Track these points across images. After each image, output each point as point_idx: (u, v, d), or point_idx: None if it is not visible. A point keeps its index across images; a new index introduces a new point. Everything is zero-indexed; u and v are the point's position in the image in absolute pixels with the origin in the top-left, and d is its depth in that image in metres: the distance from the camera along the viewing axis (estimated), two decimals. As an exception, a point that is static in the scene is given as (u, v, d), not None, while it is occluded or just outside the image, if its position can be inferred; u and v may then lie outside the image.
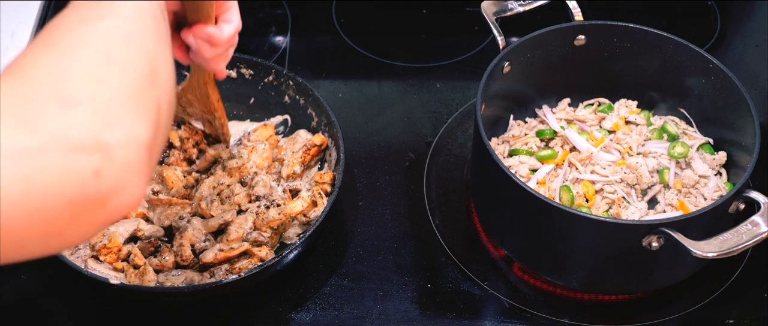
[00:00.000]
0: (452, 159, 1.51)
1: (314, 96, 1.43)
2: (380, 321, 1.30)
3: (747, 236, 1.13)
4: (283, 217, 1.31)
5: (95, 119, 0.72)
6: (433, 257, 1.38)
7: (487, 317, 1.31)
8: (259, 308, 1.31)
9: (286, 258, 1.26)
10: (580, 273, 1.29)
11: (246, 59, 1.49)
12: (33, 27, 1.67)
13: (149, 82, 0.79)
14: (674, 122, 1.45)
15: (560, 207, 1.20)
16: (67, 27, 0.79)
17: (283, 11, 1.76)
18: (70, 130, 0.70)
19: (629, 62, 1.42)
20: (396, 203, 1.44)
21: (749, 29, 1.72)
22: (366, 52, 1.69)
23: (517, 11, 1.42)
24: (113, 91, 0.75)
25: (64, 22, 0.79)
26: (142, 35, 0.82)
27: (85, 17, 0.79)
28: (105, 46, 0.78)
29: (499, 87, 1.38)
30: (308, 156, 1.39)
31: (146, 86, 0.78)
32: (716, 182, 1.35)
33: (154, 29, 0.84)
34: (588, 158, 1.38)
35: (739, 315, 1.31)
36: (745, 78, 1.37)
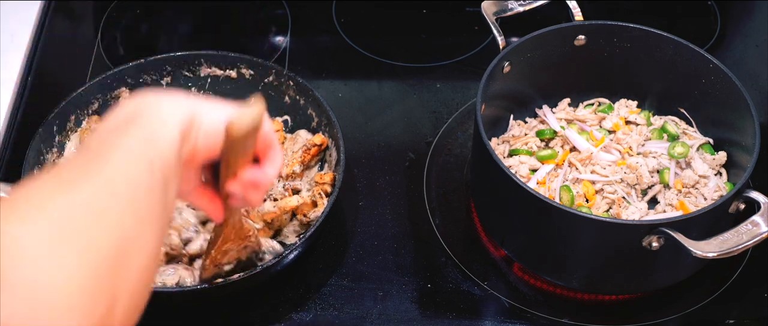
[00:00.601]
0: (452, 159, 1.51)
1: (314, 96, 1.43)
2: (380, 321, 1.30)
3: (747, 236, 1.13)
4: (278, 211, 1.32)
5: (23, 307, 0.63)
6: (433, 257, 1.38)
7: (487, 317, 1.31)
8: (259, 308, 1.31)
9: (286, 258, 1.26)
10: (580, 273, 1.29)
11: (246, 59, 1.49)
12: (33, 27, 1.67)
13: (108, 271, 0.69)
14: (674, 122, 1.45)
15: (560, 207, 1.20)
16: (41, 191, 0.72)
17: (283, 11, 1.76)
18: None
19: (629, 62, 1.42)
20: (396, 203, 1.44)
21: (749, 29, 1.72)
22: (366, 52, 1.69)
23: (517, 11, 1.42)
24: (53, 278, 0.65)
25: (45, 185, 0.73)
26: (119, 213, 0.73)
27: (65, 181, 0.73)
28: (66, 222, 0.69)
29: (499, 87, 1.38)
30: (308, 155, 1.39)
31: (102, 277, 0.68)
32: (716, 182, 1.35)
33: (143, 204, 0.76)
34: (588, 158, 1.38)
35: (739, 315, 1.31)
36: (745, 78, 1.36)
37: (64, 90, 1.46)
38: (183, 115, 0.86)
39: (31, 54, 1.64)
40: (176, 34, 1.75)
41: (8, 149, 1.49)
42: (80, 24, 1.76)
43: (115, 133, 0.81)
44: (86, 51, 1.69)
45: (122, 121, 0.83)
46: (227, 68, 1.51)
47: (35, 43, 1.66)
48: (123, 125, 0.82)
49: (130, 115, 0.84)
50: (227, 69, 1.51)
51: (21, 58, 1.61)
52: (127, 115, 0.84)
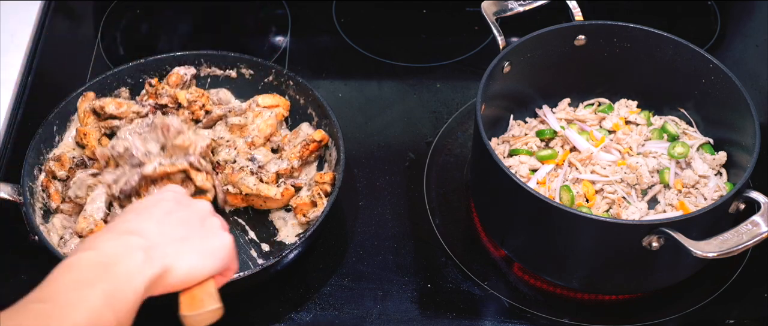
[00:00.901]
0: (452, 159, 1.51)
1: (314, 96, 1.43)
2: (380, 321, 1.30)
3: (747, 236, 1.13)
4: (256, 191, 1.32)
5: None
6: (433, 257, 1.37)
7: (487, 317, 1.31)
8: (259, 308, 1.31)
9: (286, 258, 1.26)
10: (580, 273, 1.29)
11: (246, 59, 1.49)
12: (33, 27, 1.67)
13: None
14: (674, 122, 1.45)
15: (560, 207, 1.20)
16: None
17: (283, 11, 1.76)
18: None
19: (629, 62, 1.42)
20: (396, 203, 1.44)
21: (749, 29, 1.72)
22: (366, 52, 1.69)
23: (517, 11, 1.42)
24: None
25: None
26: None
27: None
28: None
29: (499, 87, 1.38)
30: (307, 151, 1.39)
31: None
32: (716, 182, 1.35)
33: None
34: (588, 158, 1.38)
35: (739, 315, 1.31)
36: (745, 78, 1.36)
37: (64, 90, 1.46)
38: (153, 272, 0.96)
39: (31, 54, 1.64)
40: (176, 34, 1.75)
41: (8, 149, 1.49)
42: (80, 24, 1.76)
43: (81, 285, 0.90)
44: (86, 51, 1.69)
45: (93, 266, 0.92)
46: (227, 68, 1.51)
47: (35, 43, 1.66)
48: (92, 273, 0.92)
49: (103, 260, 0.93)
50: (227, 69, 1.51)
51: (21, 58, 1.61)
52: (101, 257, 0.94)
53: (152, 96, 1.43)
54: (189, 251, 1.01)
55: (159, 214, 1.04)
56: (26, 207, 1.30)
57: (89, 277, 0.91)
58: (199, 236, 1.04)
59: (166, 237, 1.01)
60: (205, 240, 1.04)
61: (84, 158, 1.38)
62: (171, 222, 1.04)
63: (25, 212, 1.30)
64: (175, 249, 1.00)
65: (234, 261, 1.09)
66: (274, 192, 1.34)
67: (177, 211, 1.05)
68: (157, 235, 1.00)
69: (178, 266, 0.99)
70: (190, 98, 1.43)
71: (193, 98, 1.43)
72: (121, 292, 0.92)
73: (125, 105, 1.42)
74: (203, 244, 1.03)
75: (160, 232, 1.01)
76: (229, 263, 1.07)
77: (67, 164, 1.36)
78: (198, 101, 1.43)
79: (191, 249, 1.02)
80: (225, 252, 1.05)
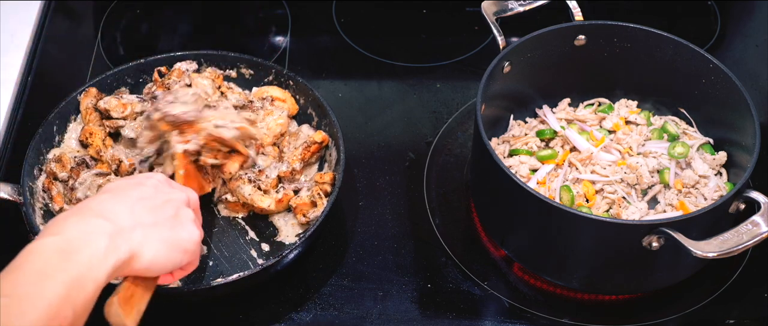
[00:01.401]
0: (452, 159, 1.51)
1: (314, 96, 1.43)
2: (380, 321, 1.30)
3: (747, 236, 1.13)
4: (250, 201, 1.33)
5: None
6: (433, 257, 1.37)
7: (487, 317, 1.31)
8: (259, 308, 1.31)
9: (286, 258, 1.26)
10: (580, 273, 1.29)
11: (246, 59, 1.49)
12: (33, 27, 1.67)
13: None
14: (674, 122, 1.45)
15: (560, 207, 1.20)
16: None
17: (283, 11, 1.76)
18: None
19: (629, 62, 1.42)
20: (396, 203, 1.44)
21: (749, 29, 1.72)
22: (366, 52, 1.69)
23: (517, 11, 1.42)
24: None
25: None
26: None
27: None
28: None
29: (499, 87, 1.38)
30: (308, 153, 1.39)
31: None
32: (716, 182, 1.35)
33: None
34: (588, 158, 1.38)
35: (739, 315, 1.31)
36: (745, 78, 1.36)
37: (64, 90, 1.46)
38: (116, 259, 0.95)
39: (31, 54, 1.64)
40: (176, 34, 1.75)
41: (8, 149, 1.49)
42: (80, 24, 1.76)
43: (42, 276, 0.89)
44: (86, 51, 1.69)
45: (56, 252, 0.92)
46: (227, 68, 1.51)
47: (35, 43, 1.66)
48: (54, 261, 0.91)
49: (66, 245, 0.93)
50: (227, 69, 1.51)
51: (21, 58, 1.61)
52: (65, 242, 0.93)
53: (161, 85, 1.43)
54: (156, 239, 1.01)
55: (134, 198, 1.04)
56: (26, 207, 1.30)
57: (50, 267, 0.90)
58: (169, 226, 1.04)
59: (135, 222, 1.00)
60: (174, 230, 1.04)
61: (85, 158, 1.38)
62: (144, 207, 1.03)
63: (25, 212, 1.30)
64: (143, 235, 1.00)
65: (197, 257, 1.09)
66: (267, 203, 1.33)
67: (153, 198, 1.05)
68: (127, 219, 1.00)
69: (142, 254, 0.99)
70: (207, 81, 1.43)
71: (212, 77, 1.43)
72: (82, 283, 0.91)
73: (129, 106, 1.41)
74: (172, 234, 1.03)
75: (130, 216, 1.00)
76: (192, 258, 1.07)
77: (67, 165, 1.36)
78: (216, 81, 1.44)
79: (159, 238, 1.02)
80: (191, 246, 1.06)
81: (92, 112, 1.42)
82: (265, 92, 1.46)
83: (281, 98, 1.45)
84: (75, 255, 0.92)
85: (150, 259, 1.00)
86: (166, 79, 1.45)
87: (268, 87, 1.48)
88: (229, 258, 1.34)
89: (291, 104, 1.46)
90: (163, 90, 1.42)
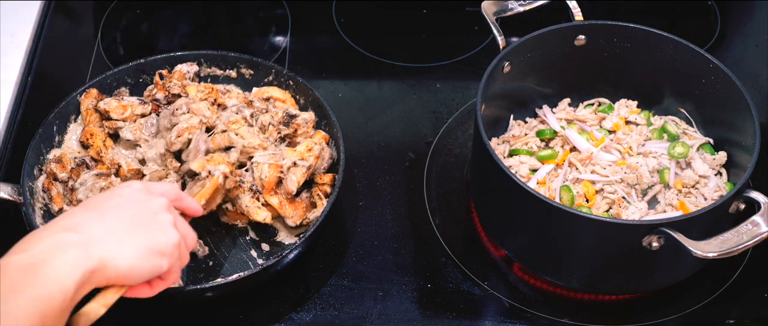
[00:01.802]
0: (452, 159, 1.51)
1: (314, 96, 1.43)
2: (380, 321, 1.30)
3: (747, 236, 1.13)
4: (246, 212, 1.33)
5: None
6: (433, 257, 1.37)
7: (487, 317, 1.31)
8: (259, 308, 1.31)
9: (286, 258, 1.26)
10: (580, 273, 1.29)
11: (246, 59, 1.49)
12: (33, 27, 1.67)
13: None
14: (674, 122, 1.45)
15: (560, 207, 1.20)
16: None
17: (283, 11, 1.76)
18: None
19: (629, 62, 1.42)
20: (396, 203, 1.44)
21: (749, 29, 1.72)
22: (366, 52, 1.69)
23: (517, 11, 1.42)
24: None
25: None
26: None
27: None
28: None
29: (499, 87, 1.38)
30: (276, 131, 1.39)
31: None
32: (716, 182, 1.35)
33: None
34: (588, 158, 1.38)
35: (739, 315, 1.31)
36: (745, 78, 1.37)
37: (64, 90, 1.46)
38: (85, 268, 0.93)
39: (31, 54, 1.64)
40: (176, 34, 1.75)
41: (8, 149, 1.49)
42: (80, 24, 1.76)
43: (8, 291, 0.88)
44: (86, 51, 1.69)
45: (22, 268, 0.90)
46: (227, 68, 1.51)
47: (35, 43, 1.66)
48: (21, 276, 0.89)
49: (33, 261, 0.91)
50: (227, 69, 1.51)
51: (21, 58, 1.61)
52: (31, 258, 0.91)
53: (161, 88, 1.43)
54: (131, 247, 0.99)
55: (106, 208, 1.02)
56: (26, 207, 1.30)
57: (16, 283, 0.89)
58: (145, 231, 1.02)
59: (106, 231, 0.98)
60: (151, 235, 1.02)
61: (85, 159, 1.38)
62: (118, 217, 1.02)
63: (25, 212, 1.30)
64: (115, 243, 0.98)
65: (179, 264, 1.07)
66: (262, 216, 1.32)
67: (129, 207, 1.04)
68: (98, 229, 0.98)
69: (116, 261, 0.97)
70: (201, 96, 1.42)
71: (203, 96, 1.42)
72: (50, 296, 0.89)
73: (129, 108, 1.41)
74: (147, 239, 1.01)
75: (102, 226, 0.99)
76: (172, 262, 1.05)
77: (68, 165, 1.36)
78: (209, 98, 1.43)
79: (133, 245, 1.00)
80: (168, 249, 1.03)
81: (92, 113, 1.42)
82: (266, 92, 1.46)
83: (281, 98, 1.45)
84: (41, 268, 0.91)
85: (126, 267, 0.98)
86: (166, 82, 1.45)
87: (269, 87, 1.48)
88: (229, 258, 1.34)
89: (291, 105, 1.46)
90: (164, 93, 1.43)
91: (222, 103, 1.43)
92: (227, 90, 1.48)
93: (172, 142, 1.35)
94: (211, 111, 1.39)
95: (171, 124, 1.37)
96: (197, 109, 1.38)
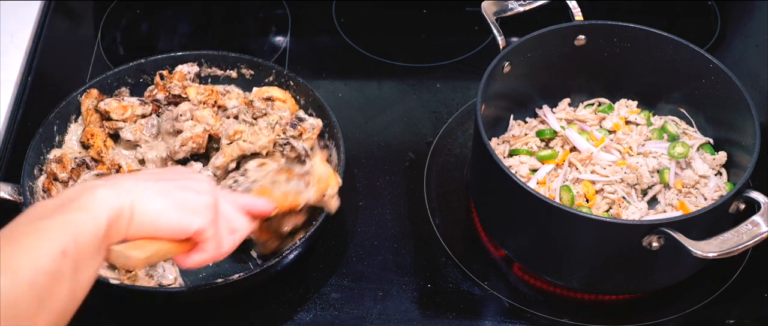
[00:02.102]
0: (452, 159, 1.51)
1: (314, 96, 1.43)
2: (380, 321, 1.30)
3: (747, 236, 1.13)
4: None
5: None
6: (433, 257, 1.38)
7: (487, 317, 1.31)
8: (259, 308, 1.31)
9: (286, 258, 1.26)
10: (580, 273, 1.29)
11: (246, 59, 1.49)
12: (33, 27, 1.67)
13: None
14: (674, 122, 1.45)
15: (560, 207, 1.20)
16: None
17: (283, 11, 1.76)
18: None
19: (629, 62, 1.42)
20: (396, 203, 1.44)
21: (749, 29, 1.72)
22: (366, 52, 1.69)
23: (517, 11, 1.42)
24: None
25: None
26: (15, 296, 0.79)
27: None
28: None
29: (499, 87, 1.38)
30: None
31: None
32: (716, 182, 1.35)
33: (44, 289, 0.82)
34: (588, 158, 1.38)
35: (739, 315, 1.31)
36: (745, 78, 1.37)
37: (64, 90, 1.46)
38: (115, 206, 0.91)
39: (31, 54, 1.64)
40: (176, 34, 1.75)
41: (8, 149, 1.49)
42: (80, 24, 1.76)
43: (40, 218, 0.86)
44: (86, 51, 1.69)
45: (53, 206, 0.89)
46: (227, 68, 1.51)
47: (35, 43, 1.66)
48: (51, 210, 0.88)
49: (63, 200, 0.90)
50: (227, 69, 1.51)
51: (21, 58, 1.61)
52: (62, 199, 0.90)
53: (162, 89, 1.43)
54: (162, 197, 0.97)
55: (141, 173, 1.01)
56: (26, 207, 1.30)
57: (47, 213, 0.87)
58: (177, 188, 1.00)
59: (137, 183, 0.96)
60: (183, 191, 1.00)
61: (86, 159, 1.38)
62: (150, 175, 1.01)
63: (25, 212, 1.30)
64: (145, 189, 0.96)
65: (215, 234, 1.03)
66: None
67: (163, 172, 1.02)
68: (129, 181, 0.96)
69: (145, 205, 0.95)
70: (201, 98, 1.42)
71: (203, 98, 1.42)
72: (82, 222, 0.87)
73: (130, 109, 1.41)
74: (178, 194, 0.99)
75: (133, 180, 0.97)
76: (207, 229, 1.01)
77: (68, 165, 1.36)
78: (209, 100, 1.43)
79: (164, 196, 0.97)
80: (200, 209, 1.00)
81: (93, 113, 1.42)
82: (266, 92, 1.46)
83: (282, 99, 1.45)
84: (73, 202, 0.89)
85: (155, 211, 0.95)
86: (167, 82, 1.45)
87: (269, 87, 1.48)
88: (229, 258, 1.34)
89: (291, 105, 1.46)
90: (164, 93, 1.43)
91: (222, 105, 1.43)
92: (227, 90, 1.48)
93: (176, 151, 1.35)
94: (214, 118, 1.38)
95: (174, 129, 1.37)
96: (201, 117, 1.37)
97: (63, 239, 0.84)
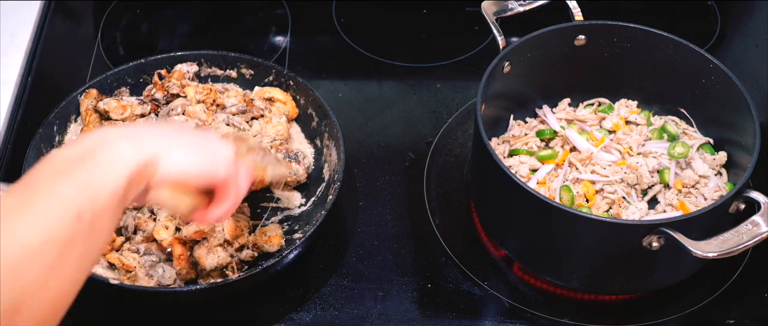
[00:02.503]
0: (452, 159, 1.51)
1: (314, 96, 1.43)
2: (380, 321, 1.30)
3: (747, 236, 1.13)
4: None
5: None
6: (433, 257, 1.38)
7: (487, 317, 1.31)
8: (259, 308, 1.31)
9: (286, 258, 1.26)
10: (580, 273, 1.29)
11: (246, 59, 1.49)
12: (33, 27, 1.67)
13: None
14: (674, 122, 1.45)
15: (560, 207, 1.20)
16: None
17: (283, 11, 1.76)
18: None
19: (629, 62, 1.42)
20: (396, 203, 1.44)
21: (749, 29, 1.72)
22: (366, 52, 1.69)
23: (517, 11, 1.42)
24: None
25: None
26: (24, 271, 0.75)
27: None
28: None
29: (499, 87, 1.38)
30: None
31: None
32: (716, 182, 1.35)
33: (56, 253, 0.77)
34: (588, 158, 1.38)
35: (739, 315, 1.31)
36: (745, 78, 1.37)
37: (64, 90, 1.46)
38: (137, 159, 0.88)
39: (31, 54, 1.64)
40: (176, 34, 1.75)
41: (8, 149, 1.49)
42: (80, 24, 1.76)
43: (56, 173, 0.82)
44: (86, 51, 1.69)
45: (71, 158, 0.84)
46: (227, 68, 1.51)
47: (35, 43, 1.66)
48: (69, 164, 0.83)
49: (82, 152, 0.85)
50: (227, 69, 1.51)
51: (21, 58, 1.61)
52: (80, 150, 0.85)
53: (160, 88, 1.43)
54: (184, 147, 0.95)
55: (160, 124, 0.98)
56: (26, 207, 1.30)
57: (63, 169, 0.83)
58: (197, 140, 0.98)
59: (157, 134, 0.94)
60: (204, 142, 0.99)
61: (85, 159, 1.38)
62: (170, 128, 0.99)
63: (25, 212, 1.30)
64: (166, 140, 0.93)
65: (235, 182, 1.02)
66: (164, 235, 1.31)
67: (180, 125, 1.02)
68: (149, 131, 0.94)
69: (168, 156, 0.91)
70: (199, 97, 1.42)
71: (202, 97, 1.42)
72: (100, 179, 0.83)
73: (129, 108, 1.41)
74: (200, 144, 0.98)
75: (152, 131, 0.95)
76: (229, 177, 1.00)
77: (67, 164, 1.36)
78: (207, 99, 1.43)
79: (186, 145, 0.95)
80: (221, 158, 0.99)
81: (92, 113, 1.42)
82: (267, 92, 1.46)
83: (282, 99, 1.45)
84: (92, 157, 0.84)
85: (178, 161, 0.93)
86: (166, 82, 1.45)
87: (270, 87, 1.48)
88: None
89: (291, 105, 1.46)
90: (162, 92, 1.43)
91: (220, 103, 1.43)
92: (226, 88, 1.48)
93: None
94: (207, 114, 1.38)
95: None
96: (193, 113, 1.37)
97: (79, 202, 0.80)
